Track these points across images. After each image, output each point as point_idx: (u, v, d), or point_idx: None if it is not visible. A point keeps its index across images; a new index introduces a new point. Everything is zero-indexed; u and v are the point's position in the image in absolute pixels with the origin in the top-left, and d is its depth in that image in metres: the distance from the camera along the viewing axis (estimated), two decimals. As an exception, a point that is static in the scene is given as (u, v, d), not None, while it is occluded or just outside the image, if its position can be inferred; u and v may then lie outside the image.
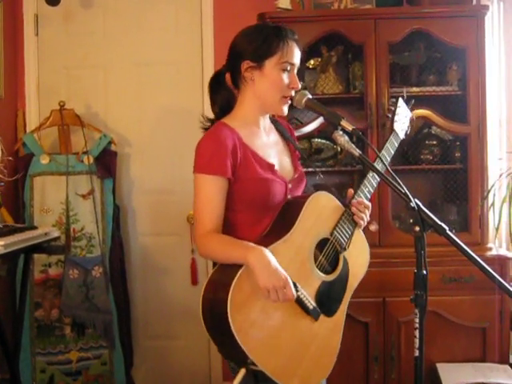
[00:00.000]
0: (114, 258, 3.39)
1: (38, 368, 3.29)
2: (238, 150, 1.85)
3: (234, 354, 1.74)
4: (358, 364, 2.94)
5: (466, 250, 1.52)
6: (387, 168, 1.81)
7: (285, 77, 1.88)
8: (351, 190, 1.97)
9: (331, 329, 1.88)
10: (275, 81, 1.88)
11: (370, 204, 1.96)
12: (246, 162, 1.86)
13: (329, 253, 1.89)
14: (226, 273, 1.73)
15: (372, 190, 2.00)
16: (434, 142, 3.21)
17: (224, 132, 1.87)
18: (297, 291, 1.74)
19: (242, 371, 1.68)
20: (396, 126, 2.09)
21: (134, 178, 3.64)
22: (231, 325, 1.62)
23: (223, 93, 1.99)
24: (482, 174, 3.00)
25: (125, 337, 3.43)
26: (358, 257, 1.98)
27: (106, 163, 3.41)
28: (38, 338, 3.30)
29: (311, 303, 1.80)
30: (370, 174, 1.98)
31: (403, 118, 2.13)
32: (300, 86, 1.92)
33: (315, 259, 1.85)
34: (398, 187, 1.65)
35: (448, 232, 1.54)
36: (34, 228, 2.97)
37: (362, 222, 1.93)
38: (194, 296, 3.52)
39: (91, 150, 3.40)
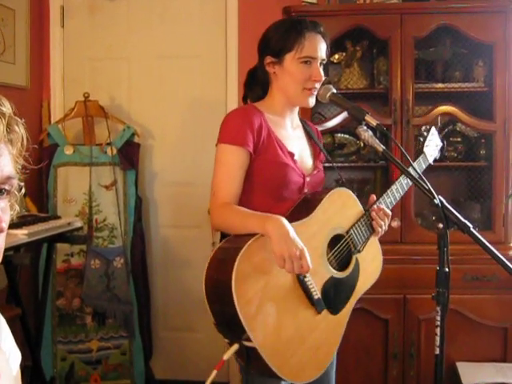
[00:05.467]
0: (135, 249, 3.42)
1: (59, 356, 3.34)
2: (263, 130, 1.87)
3: (230, 327, 1.69)
4: (377, 360, 2.93)
5: (490, 249, 1.51)
6: (412, 165, 1.80)
7: (306, 70, 1.88)
8: (373, 196, 1.97)
9: (333, 327, 1.86)
10: (295, 75, 1.89)
11: (390, 213, 1.96)
12: (269, 143, 1.88)
13: (341, 250, 1.88)
14: (235, 243, 1.72)
15: (394, 202, 2.01)
16: (459, 139, 3.18)
17: (252, 110, 1.90)
18: (304, 277, 1.73)
19: (235, 346, 1.65)
20: (426, 150, 2.13)
21: (156, 169, 3.66)
22: (233, 292, 1.59)
23: (256, 89, 2.02)
24: (506, 172, 2.96)
25: (144, 327, 3.46)
26: (370, 264, 1.97)
27: (129, 155, 3.44)
28: (59, 326, 3.34)
29: (317, 293, 1.77)
30: (395, 187, 2.00)
31: (433, 146, 2.18)
32: (323, 79, 1.92)
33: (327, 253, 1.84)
34: (422, 183, 1.64)
35: (472, 230, 1.53)
36: (58, 218, 3.02)
37: (379, 230, 1.93)
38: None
39: (114, 141, 3.42)
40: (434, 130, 2.20)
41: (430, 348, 2.68)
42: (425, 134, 2.19)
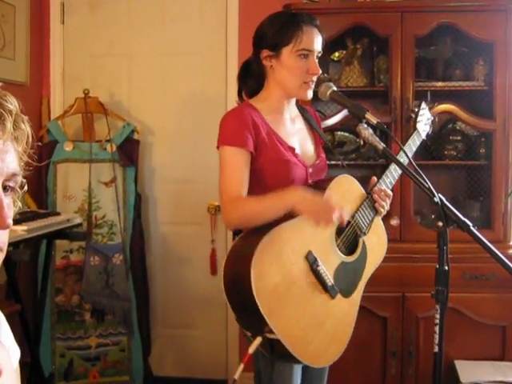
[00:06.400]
0: (134, 246, 3.42)
1: (58, 352, 3.34)
2: (262, 128, 1.88)
3: (252, 322, 1.73)
4: (376, 358, 2.93)
5: (490, 247, 1.50)
6: (411, 162, 1.80)
7: (303, 63, 1.89)
8: (374, 178, 2.00)
9: (347, 310, 1.90)
10: (293, 68, 1.90)
11: (391, 193, 1.99)
12: (270, 141, 1.89)
13: (349, 235, 1.90)
14: (249, 240, 1.75)
15: (393, 182, 2.04)
16: (459, 138, 3.18)
17: (248, 110, 1.91)
18: (317, 266, 1.76)
19: (258, 339, 1.69)
20: (419, 126, 2.14)
21: (155, 166, 3.65)
22: (253, 289, 1.62)
23: (251, 82, 2.02)
24: (506, 171, 2.96)
25: (143, 324, 3.46)
26: (376, 244, 2.01)
27: (129, 151, 3.43)
28: (58, 323, 3.34)
29: (330, 280, 1.81)
30: (393, 166, 2.02)
31: (425, 120, 2.19)
32: (320, 72, 1.92)
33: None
34: (422, 182, 1.64)
35: (471, 228, 1.53)
36: (57, 214, 3.01)
37: (382, 210, 1.96)
38: (213, 286, 3.54)
39: (114, 138, 3.42)
40: (423, 104, 2.20)
41: (428, 346, 2.68)
42: (415, 109, 2.19)
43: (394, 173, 2.02)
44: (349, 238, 1.91)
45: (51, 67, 3.63)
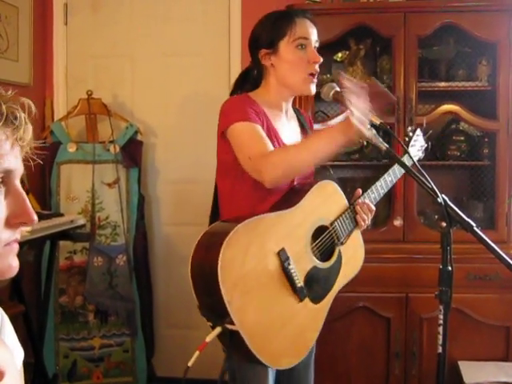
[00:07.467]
0: (137, 247, 3.42)
1: (62, 353, 3.34)
2: (264, 117, 1.87)
3: (214, 310, 1.69)
4: (379, 359, 2.93)
5: (493, 247, 1.50)
6: (414, 163, 1.80)
7: (302, 54, 1.89)
8: (359, 190, 1.99)
9: (313, 316, 1.85)
10: (293, 60, 1.89)
11: (374, 208, 1.98)
12: (267, 133, 1.87)
13: (325, 241, 1.88)
14: (222, 227, 1.75)
15: (378, 198, 2.02)
16: (462, 138, 3.17)
17: (249, 99, 1.90)
18: (288, 264, 1.73)
19: (218, 329, 1.66)
20: (411, 150, 2.16)
21: (158, 167, 3.66)
22: (219, 276, 1.60)
23: (246, 87, 2.02)
24: (509, 171, 2.95)
25: (147, 325, 3.46)
26: (351, 257, 1.98)
27: (132, 152, 3.44)
28: (61, 323, 3.34)
29: (300, 281, 1.77)
30: (379, 183, 2.02)
31: (418, 146, 2.21)
32: (321, 59, 1.92)
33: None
34: (425, 182, 1.64)
35: (475, 228, 1.53)
36: (61, 215, 3.02)
37: (362, 223, 1.95)
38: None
39: (117, 139, 3.42)
40: (419, 131, 2.22)
41: (432, 347, 2.67)
42: (410, 134, 2.20)
43: (380, 189, 2.01)
44: (324, 244, 1.88)
45: (54, 68, 3.64)
